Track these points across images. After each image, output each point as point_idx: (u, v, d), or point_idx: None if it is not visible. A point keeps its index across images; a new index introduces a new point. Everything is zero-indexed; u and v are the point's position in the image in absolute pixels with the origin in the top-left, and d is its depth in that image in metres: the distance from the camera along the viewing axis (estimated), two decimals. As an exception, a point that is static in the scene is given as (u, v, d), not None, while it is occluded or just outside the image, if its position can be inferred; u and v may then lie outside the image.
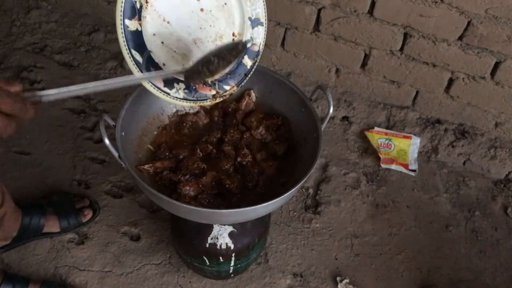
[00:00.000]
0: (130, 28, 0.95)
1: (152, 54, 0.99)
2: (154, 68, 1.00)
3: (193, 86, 1.06)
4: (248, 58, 1.09)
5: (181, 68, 1.00)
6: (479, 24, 1.52)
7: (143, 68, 0.98)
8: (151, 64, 0.99)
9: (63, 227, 1.40)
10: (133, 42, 0.96)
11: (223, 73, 1.08)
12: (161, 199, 0.95)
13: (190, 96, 1.06)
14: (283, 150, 1.16)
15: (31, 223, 1.35)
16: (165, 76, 1.01)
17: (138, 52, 0.97)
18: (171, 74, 1.00)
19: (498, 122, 1.75)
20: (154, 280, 1.37)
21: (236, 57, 0.99)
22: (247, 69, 1.09)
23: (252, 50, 1.08)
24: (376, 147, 1.72)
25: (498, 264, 1.48)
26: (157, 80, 1.01)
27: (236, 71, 1.09)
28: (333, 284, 1.40)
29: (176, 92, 1.04)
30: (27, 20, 2.05)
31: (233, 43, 0.98)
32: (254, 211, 0.97)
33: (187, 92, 1.06)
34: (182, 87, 1.05)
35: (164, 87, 1.03)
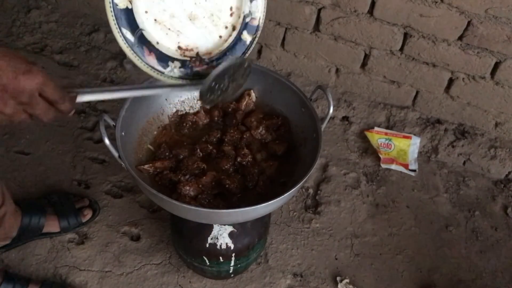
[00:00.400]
0: (119, 6, 0.92)
1: (144, 32, 0.95)
2: (147, 47, 0.98)
3: (189, 64, 1.03)
4: (248, 33, 1.03)
5: (196, 83, 0.98)
6: (479, 24, 1.52)
7: (135, 47, 0.96)
8: (143, 42, 0.97)
9: (63, 227, 1.40)
10: (124, 21, 0.93)
11: (220, 50, 1.03)
12: (161, 199, 0.95)
13: (186, 75, 1.03)
14: (283, 150, 1.16)
15: (30, 223, 1.35)
16: (181, 90, 1.00)
17: (129, 30, 0.95)
18: (187, 88, 0.98)
19: (498, 122, 1.75)
20: (154, 280, 1.37)
21: (246, 78, 0.98)
22: (247, 45, 1.04)
23: (251, 25, 1.02)
24: (376, 147, 1.72)
25: (498, 264, 1.48)
26: (150, 57, 0.99)
27: (235, 48, 1.05)
28: (333, 284, 1.40)
29: (171, 71, 1.01)
30: (27, 20, 2.05)
31: (238, 61, 0.96)
32: (254, 211, 0.97)
33: (183, 71, 1.02)
34: (177, 65, 1.01)
35: (158, 66, 1.00)
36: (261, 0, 1.00)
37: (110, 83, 1.85)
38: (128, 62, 2.08)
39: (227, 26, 1.02)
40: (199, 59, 1.02)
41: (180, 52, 1.01)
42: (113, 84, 1.85)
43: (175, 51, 1.00)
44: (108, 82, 1.86)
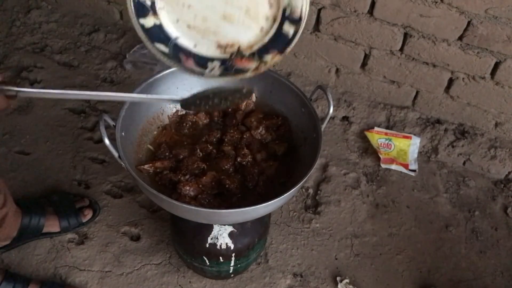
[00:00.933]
0: (147, 25, 0.92)
1: (179, 40, 0.95)
2: (183, 53, 0.96)
3: (230, 62, 0.99)
4: (289, 25, 0.96)
5: (177, 97, 0.97)
6: (479, 24, 1.52)
7: (172, 57, 0.96)
8: (179, 50, 0.96)
9: (63, 227, 1.40)
10: (155, 36, 0.93)
11: (263, 43, 0.99)
12: (161, 199, 0.95)
13: (228, 72, 1.00)
14: (283, 150, 1.16)
15: (30, 223, 1.35)
16: (158, 101, 0.99)
17: (163, 43, 0.95)
18: (164, 100, 0.97)
19: (498, 122, 1.75)
20: (154, 280, 1.37)
21: (242, 100, 0.95)
22: (289, 37, 0.97)
23: (292, 17, 0.95)
24: (376, 147, 1.72)
25: (498, 264, 1.48)
26: (188, 62, 0.97)
27: (277, 40, 0.98)
28: (333, 284, 1.40)
29: (211, 70, 0.99)
30: (27, 20, 2.05)
31: (236, 87, 0.94)
32: (254, 211, 0.97)
33: (223, 68, 0.99)
34: (217, 65, 0.98)
35: (197, 68, 0.98)
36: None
37: (110, 83, 1.85)
38: (128, 62, 2.10)
39: (268, 17, 0.96)
40: (240, 55, 0.99)
41: (221, 50, 0.99)
42: (112, 84, 1.85)
43: (215, 50, 0.98)
44: (108, 82, 1.86)
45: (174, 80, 1.17)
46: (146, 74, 1.84)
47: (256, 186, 1.09)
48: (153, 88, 1.15)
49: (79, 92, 0.91)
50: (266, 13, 0.96)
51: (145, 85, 1.12)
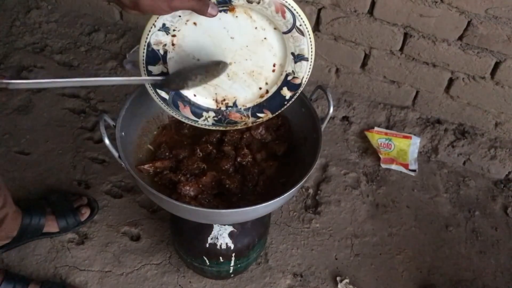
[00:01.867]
0: (154, 72, 0.95)
1: (181, 91, 0.99)
2: (181, 101, 1.01)
3: (224, 114, 1.05)
4: (288, 90, 1.03)
5: (160, 78, 0.97)
6: (479, 24, 1.52)
7: (171, 104, 0.99)
8: (178, 99, 1.00)
9: (61, 227, 1.40)
10: (158, 84, 0.96)
11: (258, 102, 1.05)
12: (161, 199, 0.95)
13: (219, 123, 1.06)
14: (283, 150, 1.16)
15: (31, 223, 1.35)
16: (140, 82, 0.99)
17: (165, 91, 0.98)
18: (149, 80, 0.98)
19: (498, 122, 1.75)
20: (154, 280, 1.37)
21: (219, 73, 0.96)
22: (286, 99, 1.04)
23: (292, 83, 1.01)
24: (376, 147, 1.72)
25: (498, 264, 1.48)
26: (185, 110, 1.01)
27: (273, 101, 1.05)
28: (333, 284, 1.40)
29: (205, 120, 1.04)
30: (27, 20, 2.05)
31: (213, 61, 0.95)
32: (254, 211, 0.97)
33: (217, 119, 1.05)
34: (211, 115, 1.04)
35: (192, 116, 1.03)
36: (306, 63, 0.98)
37: (110, 83, 1.85)
38: (128, 62, 2.10)
39: (267, 82, 1.02)
40: (235, 108, 1.04)
41: (216, 104, 1.03)
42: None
43: (212, 102, 1.02)
44: (108, 82, 1.86)
45: (174, 80, 1.17)
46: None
47: (256, 186, 1.09)
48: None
49: (68, 80, 0.88)
50: (268, 76, 1.02)
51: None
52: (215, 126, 1.07)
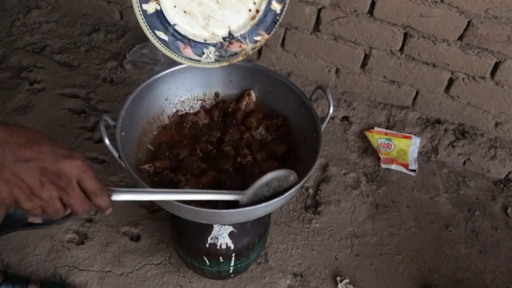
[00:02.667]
0: (148, 11, 0.95)
1: (177, 27, 0.99)
2: (181, 41, 1.01)
3: (223, 46, 1.05)
4: (276, 2, 1.04)
5: (239, 195, 0.97)
6: (479, 24, 1.52)
7: (171, 45, 0.99)
8: (177, 38, 1.00)
9: (45, 218, 1.42)
10: (155, 23, 0.96)
11: (251, 24, 1.05)
12: (161, 199, 0.95)
13: (222, 57, 1.06)
14: (283, 151, 1.16)
15: (16, 213, 1.36)
16: (221, 198, 0.98)
17: (162, 30, 0.98)
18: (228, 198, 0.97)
19: (498, 122, 1.75)
20: (154, 280, 1.37)
21: (291, 183, 0.98)
22: (277, 14, 1.05)
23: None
24: (376, 147, 1.72)
25: (498, 264, 1.48)
26: (186, 50, 1.02)
27: (265, 19, 1.06)
28: (333, 284, 1.40)
29: (207, 57, 1.04)
30: (27, 20, 2.05)
31: (284, 173, 0.97)
32: (254, 211, 0.97)
33: (218, 54, 1.05)
34: (212, 51, 1.04)
35: (194, 56, 1.03)
36: None
37: (110, 83, 1.85)
38: (128, 62, 2.10)
39: (255, 1, 1.03)
40: (233, 38, 1.04)
41: (213, 36, 1.03)
42: (112, 84, 1.85)
43: (209, 36, 1.03)
44: (108, 82, 1.86)
45: (174, 80, 1.18)
46: (146, 74, 1.84)
47: None
48: (153, 88, 1.15)
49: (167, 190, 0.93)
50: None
51: (145, 85, 1.12)
52: (219, 63, 1.07)
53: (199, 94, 1.23)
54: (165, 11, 0.97)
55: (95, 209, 0.69)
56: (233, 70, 1.21)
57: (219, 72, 1.21)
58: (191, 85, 1.21)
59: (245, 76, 1.21)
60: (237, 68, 1.21)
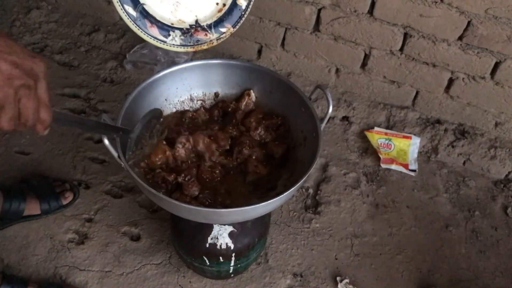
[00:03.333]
0: None
1: (146, 7, 1.01)
2: (148, 20, 1.04)
3: (189, 32, 1.08)
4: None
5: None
6: (479, 24, 1.52)
7: (138, 21, 1.01)
8: (145, 16, 1.02)
9: (43, 209, 1.42)
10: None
11: (218, 16, 1.08)
12: (161, 199, 0.95)
13: (187, 42, 1.09)
14: (280, 153, 1.16)
15: (11, 207, 1.37)
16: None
17: (131, 6, 1.00)
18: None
19: (498, 122, 1.75)
20: (154, 280, 1.37)
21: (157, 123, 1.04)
22: (242, 9, 1.10)
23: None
24: (376, 147, 1.72)
25: (498, 264, 1.48)
26: (152, 29, 1.04)
27: (232, 13, 1.10)
28: (333, 284, 1.40)
29: (173, 39, 1.07)
30: (27, 20, 2.05)
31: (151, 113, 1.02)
32: (254, 210, 0.97)
33: (184, 38, 1.08)
34: (178, 34, 1.07)
35: (160, 36, 1.05)
36: None
37: (110, 83, 1.85)
38: (128, 62, 2.10)
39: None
40: (199, 26, 1.07)
41: (180, 22, 1.06)
42: (112, 84, 1.85)
43: (176, 21, 1.05)
44: (108, 82, 1.86)
45: (174, 80, 1.18)
46: (146, 74, 1.84)
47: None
48: (153, 88, 1.15)
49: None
50: None
51: (145, 85, 1.12)
52: (183, 47, 1.10)
53: (199, 94, 1.23)
54: None
55: (31, 127, 0.67)
56: (233, 70, 1.21)
57: (219, 72, 1.21)
58: (191, 85, 1.21)
59: (245, 76, 1.21)
60: (237, 68, 1.21)
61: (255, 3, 1.71)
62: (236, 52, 1.94)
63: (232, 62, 1.23)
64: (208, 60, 1.20)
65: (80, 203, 1.50)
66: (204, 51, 1.84)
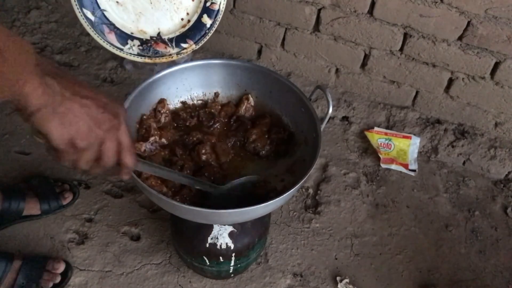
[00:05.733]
0: None
1: (106, 13, 1.00)
2: (107, 26, 1.02)
3: (148, 43, 1.07)
4: (208, 17, 1.07)
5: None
6: (479, 24, 1.52)
7: (96, 26, 1.00)
8: (103, 22, 1.01)
9: (43, 209, 1.42)
10: (84, 1, 0.97)
11: (181, 31, 1.07)
12: (161, 199, 0.95)
13: (145, 53, 1.07)
14: (270, 150, 1.16)
15: (10, 207, 1.37)
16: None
17: (90, 11, 0.99)
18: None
19: (498, 122, 1.75)
20: (154, 280, 1.37)
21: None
22: (207, 27, 1.08)
23: (211, 9, 1.07)
24: (376, 147, 1.73)
25: (498, 264, 1.48)
26: (110, 35, 1.02)
27: (195, 30, 1.09)
28: (333, 284, 1.40)
29: (130, 48, 1.05)
30: (27, 20, 2.05)
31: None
32: (254, 211, 0.97)
33: (142, 49, 1.06)
34: (136, 44, 1.06)
35: (117, 43, 1.04)
36: None
37: (110, 83, 1.85)
38: (128, 62, 2.10)
39: (188, 11, 1.05)
40: (160, 39, 1.06)
41: (141, 32, 1.05)
42: (112, 84, 1.85)
43: (137, 31, 1.04)
44: (108, 82, 1.86)
45: (174, 80, 1.18)
46: (146, 74, 1.84)
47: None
48: (153, 88, 1.15)
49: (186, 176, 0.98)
50: (188, 6, 1.06)
51: (145, 85, 1.12)
52: (141, 57, 1.08)
53: (199, 94, 1.23)
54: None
55: (112, 171, 0.69)
56: (233, 70, 1.21)
57: (219, 72, 1.21)
58: (191, 85, 1.21)
59: (244, 76, 1.22)
60: (237, 68, 1.21)
61: (255, 3, 1.72)
62: (236, 52, 1.94)
63: (232, 62, 1.23)
64: (208, 60, 1.20)
65: (80, 203, 1.51)
66: (204, 51, 1.85)
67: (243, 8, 1.76)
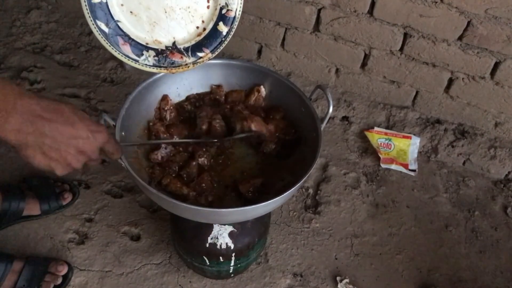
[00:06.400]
0: (93, 0, 0.96)
1: (120, 24, 0.99)
2: (121, 37, 1.01)
3: (164, 53, 1.06)
4: (224, 24, 1.06)
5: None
6: (479, 24, 1.52)
7: (110, 38, 0.99)
8: (118, 33, 1.00)
9: (43, 210, 1.42)
10: (98, 13, 0.97)
11: (197, 40, 1.08)
12: (161, 199, 0.95)
13: (161, 63, 1.06)
14: (273, 149, 1.15)
15: (10, 207, 1.37)
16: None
17: (104, 22, 0.98)
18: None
19: (498, 122, 1.75)
20: (154, 280, 1.37)
21: None
22: (223, 35, 1.07)
23: (227, 16, 1.05)
24: (376, 147, 1.73)
25: (498, 264, 1.48)
26: (125, 47, 1.02)
27: (211, 38, 1.08)
28: (333, 284, 1.40)
29: (145, 59, 1.05)
30: (27, 20, 2.05)
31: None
32: (254, 210, 0.97)
33: (157, 59, 1.06)
34: (152, 54, 1.05)
35: (132, 55, 1.03)
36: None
37: (110, 83, 1.86)
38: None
39: (204, 19, 1.04)
40: (175, 49, 1.05)
41: (156, 42, 1.04)
42: (112, 84, 1.85)
43: (152, 41, 1.03)
44: (108, 82, 1.86)
45: (174, 80, 1.18)
46: (146, 74, 1.84)
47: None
48: (153, 88, 1.15)
49: None
50: (203, 13, 1.05)
51: (145, 85, 1.12)
52: (156, 68, 1.07)
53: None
54: (111, 6, 0.97)
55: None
56: (233, 70, 1.21)
57: (219, 72, 1.21)
58: (191, 85, 1.21)
59: (245, 76, 1.22)
60: (237, 68, 1.21)
61: (255, 3, 1.72)
62: (236, 52, 1.94)
63: (232, 62, 1.23)
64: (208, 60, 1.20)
65: (80, 203, 1.51)
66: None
67: (243, 8, 1.75)
